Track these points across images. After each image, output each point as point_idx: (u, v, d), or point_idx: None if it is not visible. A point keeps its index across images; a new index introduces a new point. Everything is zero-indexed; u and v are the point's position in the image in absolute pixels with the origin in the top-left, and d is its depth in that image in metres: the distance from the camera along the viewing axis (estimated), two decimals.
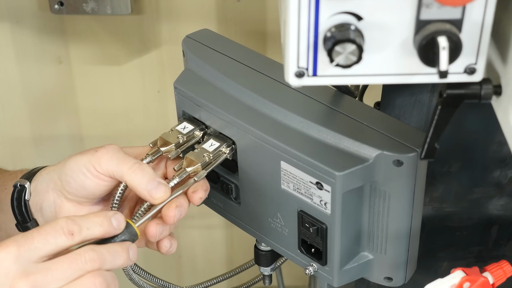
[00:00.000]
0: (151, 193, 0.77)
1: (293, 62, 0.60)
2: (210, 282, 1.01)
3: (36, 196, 0.83)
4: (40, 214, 0.84)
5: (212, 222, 1.53)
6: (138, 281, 0.91)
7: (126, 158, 0.78)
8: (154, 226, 0.78)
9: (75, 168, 0.79)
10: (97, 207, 0.84)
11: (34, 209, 0.84)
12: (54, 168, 0.83)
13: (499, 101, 0.62)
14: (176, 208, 0.78)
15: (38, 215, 0.84)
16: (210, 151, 0.82)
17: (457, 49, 0.57)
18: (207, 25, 1.00)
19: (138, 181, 0.77)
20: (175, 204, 0.78)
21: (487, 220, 0.94)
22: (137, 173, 0.77)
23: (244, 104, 0.83)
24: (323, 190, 0.75)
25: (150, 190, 0.77)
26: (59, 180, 0.81)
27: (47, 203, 0.83)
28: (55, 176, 0.82)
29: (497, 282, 0.73)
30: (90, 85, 1.38)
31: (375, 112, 0.81)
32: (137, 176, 0.77)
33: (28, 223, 0.84)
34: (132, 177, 0.77)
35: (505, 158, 0.89)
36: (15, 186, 0.84)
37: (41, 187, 0.83)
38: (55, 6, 1.23)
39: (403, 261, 0.80)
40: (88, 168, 0.79)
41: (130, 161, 0.78)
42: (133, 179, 0.77)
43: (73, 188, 0.80)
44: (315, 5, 0.57)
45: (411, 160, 0.73)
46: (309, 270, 0.82)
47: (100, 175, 0.79)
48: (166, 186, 0.78)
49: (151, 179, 0.77)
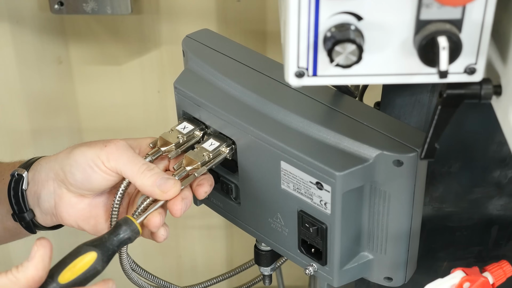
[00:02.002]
0: (162, 187, 0.77)
1: (293, 62, 0.60)
2: (210, 282, 1.01)
3: (34, 186, 0.83)
4: (38, 204, 0.83)
5: (212, 222, 1.53)
6: (138, 281, 0.91)
7: (136, 158, 0.79)
8: (157, 216, 0.78)
9: (81, 160, 0.79)
10: (99, 199, 0.83)
11: (31, 199, 0.83)
12: (55, 158, 0.82)
13: (499, 101, 0.62)
14: (182, 200, 0.78)
15: (35, 205, 0.84)
16: (210, 151, 0.82)
17: (457, 49, 0.57)
18: (207, 25, 1.00)
19: (148, 181, 0.77)
20: (181, 196, 0.79)
21: (487, 220, 0.94)
22: (146, 174, 0.78)
23: (244, 104, 0.83)
24: (323, 190, 0.75)
25: (160, 185, 0.77)
26: (62, 171, 0.80)
27: (46, 193, 0.82)
28: (57, 166, 0.81)
29: (497, 282, 0.73)
30: (90, 85, 1.38)
31: (375, 112, 0.81)
32: (146, 176, 0.77)
33: (25, 213, 0.83)
34: (141, 178, 0.77)
35: (505, 158, 0.89)
36: (12, 175, 0.83)
37: (40, 176, 0.83)
38: (55, 6, 1.23)
39: (403, 261, 0.80)
40: (96, 163, 0.78)
41: (139, 162, 0.78)
42: (143, 181, 0.77)
43: (78, 181, 0.80)
44: (315, 5, 0.57)
45: (411, 160, 0.73)
46: (309, 270, 0.82)
47: (108, 171, 0.79)
48: (175, 180, 0.78)
49: (159, 177, 0.78)
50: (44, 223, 0.86)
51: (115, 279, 0.99)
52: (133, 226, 0.74)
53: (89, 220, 0.83)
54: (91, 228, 0.83)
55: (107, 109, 1.41)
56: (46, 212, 0.84)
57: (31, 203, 0.84)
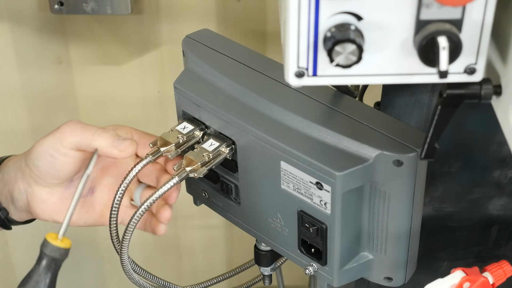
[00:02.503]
0: (119, 147, 0.79)
1: (293, 62, 0.60)
2: (210, 282, 1.01)
3: (6, 186, 0.85)
4: (12, 203, 0.85)
5: (212, 222, 1.53)
6: (138, 280, 0.91)
7: (88, 126, 0.81)
8: (168, 210, 0.80)
9: (41, 150, 0.81)
10: (69, 191, 0.85)
11: (4, 199, 0.85)
12: (20, 157, 0.84)
13: (499, 101, 0.62)
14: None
15: (9, 203, 0.86)
16: (210, 151, 0.82)
17: (457, 49, 0.57)
18: (207, 25, 1.00)
19: (104, 141, 0.79)
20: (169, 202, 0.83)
21: (487, 220, 0.94)
22: (102, 135, 0.79)
23: (244, 104, 0.83)
24: (323, 190, 0.75)
25: (118, 145, 0.79)
26: (27, 167, 0.82)
27: (17, 192, 0.84)
28: (22, 164, 0.83)
29: (497, 282, 0.73)
30: (90, 85, 1.39)
31: (375, 112, 0.81)
32: (103, 137, 0.79)
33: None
34: (98, 140, 0.79)
35: (505, 158, 0.89)
36: None
37: (9, 176, 0.85)
38: (55, 6, 1.23)
39: (403, 261, 0.80)
40: (54, 147, 0.80)
41: (93, 128, 0.80)
42: (100, 142, 0.79)
43: (43, 171, 0.81)
44: (315, 5, 0.57)
45: (411, 160, 0.73)
46: (309, 270, 0.82)
47: (67, 152, 0.80)
48: (132, 140, 0.81)
49: (116, 137, 0.80)
50: (19, 219, 0.88)
51: (115, 279, 1.00)
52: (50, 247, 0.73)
53: (63, 213, 0.83)
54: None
55: (107, 109, 1.41)
56: (21, 210, 0.86)
57: (4, 202, 0.86)
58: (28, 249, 1.52)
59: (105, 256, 1.55)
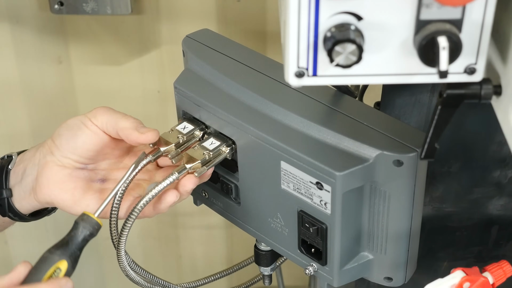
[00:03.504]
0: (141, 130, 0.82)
1: (293, 62, 0.60)
2: (209, 278, 1.01)
3: (22, 163, 0.87)
4: (20, 182, 0.87)
5: (212, 222, 1.53)
6: (138, 280, 0.91)
7: (117, 111, 0.85)
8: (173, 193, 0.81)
9: (70, 122, 0.85)
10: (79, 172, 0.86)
11: (14, 178, 0.87)
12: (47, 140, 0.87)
13: (499, 101, 0.62)
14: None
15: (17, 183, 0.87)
16: (210, 150, 0.82)
17: (457, 49, 0.57)
18: (207, 25, 1.00)
19: (129, 123, 0.83)
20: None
21: (487, 220, 0.94)
22: (128, 118, 0.84)
23: (244, 104, 0.83)
24: (323, 190, 0.75)
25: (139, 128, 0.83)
26: (50, 139, 0.86)
27: (31, 166, 0.86)
28: (48, 141, 0.86)
29: (497, 282, 0.73)
30: (90, 85, 1.38)
31: (375, 112, 0.81)
32: (128, 120, 0.83)
33: (3, 190, 0.87)
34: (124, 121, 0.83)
35: (505, 158, 0.89)
36: (2, 158, 0.88)
37: (30, 153, 0.87)
38: (55, 6, 1.23)
39: (403, 261, 0.80)
40: (83, 120, 0.84)
41: (121, 113, 0.85)
42: (124, 122, 0.83)
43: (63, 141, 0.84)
44: (315, 5, 0.57)
45: (411, 160, 0.73)
46: (309, 270, 0.82)
47: (94, 127, 0.84)
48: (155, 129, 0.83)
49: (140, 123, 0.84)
50: (19, 206, 0.88)
51: (115, 279, 1.01)
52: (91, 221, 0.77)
53: (67, 190, 0.85)
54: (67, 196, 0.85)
55: None
56: (25, 189, 0.87)
57: (12, 182, 0.87)
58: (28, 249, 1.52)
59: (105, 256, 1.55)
